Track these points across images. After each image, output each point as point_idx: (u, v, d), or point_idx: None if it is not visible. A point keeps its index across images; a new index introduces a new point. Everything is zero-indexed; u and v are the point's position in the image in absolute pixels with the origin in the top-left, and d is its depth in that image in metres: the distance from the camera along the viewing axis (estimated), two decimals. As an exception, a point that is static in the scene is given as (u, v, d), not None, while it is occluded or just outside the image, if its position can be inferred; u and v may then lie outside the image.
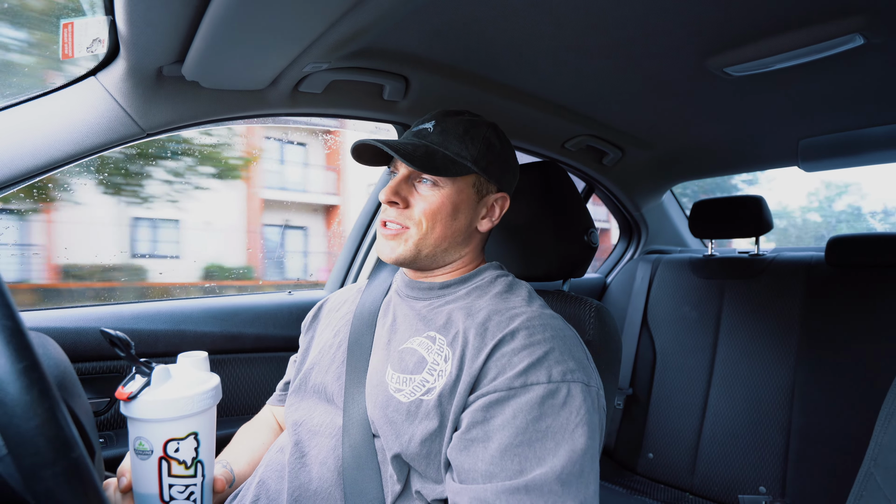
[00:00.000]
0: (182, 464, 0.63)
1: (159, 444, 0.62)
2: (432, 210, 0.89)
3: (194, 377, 0.67)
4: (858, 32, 1.07)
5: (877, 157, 1.82)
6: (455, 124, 0.92)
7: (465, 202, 0.91)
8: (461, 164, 0.89)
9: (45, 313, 1.21)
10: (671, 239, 2.68)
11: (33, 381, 0.41)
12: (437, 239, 0.90)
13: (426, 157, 0.87)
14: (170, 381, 0.64)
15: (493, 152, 0.93)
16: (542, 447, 0.69)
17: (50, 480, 0.40)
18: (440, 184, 0.90)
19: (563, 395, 0.72)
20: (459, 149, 0.90)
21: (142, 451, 0.62)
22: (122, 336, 0.61)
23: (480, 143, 0.91)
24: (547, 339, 0.77)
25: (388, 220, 0.91)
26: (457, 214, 0.91)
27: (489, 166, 0.92)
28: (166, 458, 0.62)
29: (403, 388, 0.81)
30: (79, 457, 0.42)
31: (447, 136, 0.91)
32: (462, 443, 0.73)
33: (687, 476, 1.96)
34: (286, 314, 1.54)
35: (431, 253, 0.91)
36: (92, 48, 0.97)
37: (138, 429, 0.62)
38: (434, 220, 0.89)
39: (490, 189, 0.95)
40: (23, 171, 0.99)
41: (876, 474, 0.69)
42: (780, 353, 1.84)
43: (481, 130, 0.93)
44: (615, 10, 1.03)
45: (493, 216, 0.96)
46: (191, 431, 0.63)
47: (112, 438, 1.24)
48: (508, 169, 0.97)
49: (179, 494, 0.63)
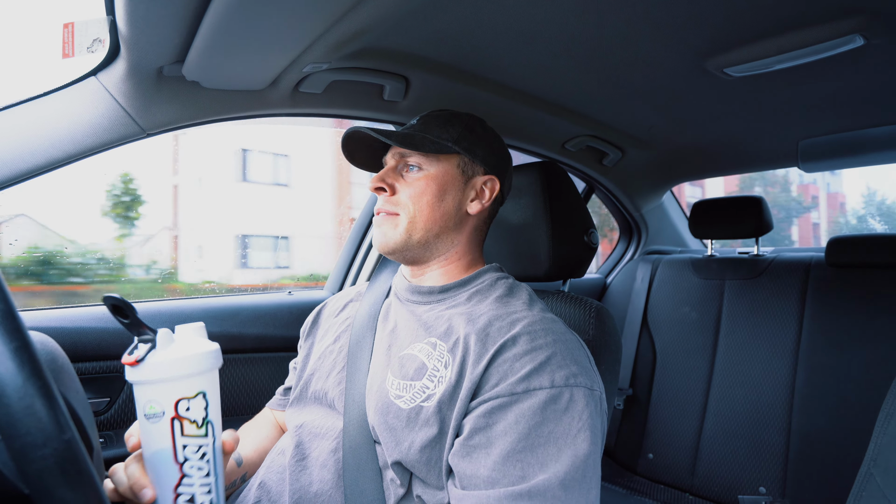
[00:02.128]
0: (193, 423, 0.64)
1: (170, 404, 0.62)
2: (418, 192, 0.91)
3: (196, 341, 0.68)
4: (859, 33, 1.07)
5: (877, 158, 1.82)
6: (436, 116, 0.96)
7: (450, 183, 0.93)
8: (441, 144, 0.91)
9: (44, 313, 1.21)
10: (671, 239, 2.68)
11: (24, 361, 0.40)
12: (426, 221, 0.91)
13: (405, 136, 0.91)
14: (174, 343, 0.65)
15: (475, 134, 0.95)
16: (544, 453, 0.69)
17: (41, 462, 0.40)
18: (424, 167, 0.92)
19: (565, 399, 0.72)
20: (440, 132, 0.93)
21: (153, 415, 0.62)
22: (124, 300, 0.61)
23: (461, 126, 0.94)
24: (549, 344, 0.77)
25: (378, 208, 0.94)
26: (443, 196, 0.92)
27: (471, 146, 0.94)
28: (178, 417, 0.63)
29: (404, 395, 0.80)
30: (71, 438, 0.42)
31: (428, 125, 0.95)
32: (464, 449, 0.72)
33: (687, 476, 1.96)
34: (286, 314, 1.54)
35: (423, 238, 0.92)
36: (92, 48, 0.97)
37: (148, 392, 0.63)
38: (421, 202, 0.91)
39: (476, 170, 0.96)
40: (23, 170, 0.99)
41: (875, 474, 0.69)
42: (781, 354, 1.84)
43: (462, 118, 0.96)
44: (616, 10, 1.03)
45: (484, 199, 0.96)
46: (200, 390, 0.64)
47: (112, 438, 1.24)
48: (493, 151, 0.98)
49: (193, 455, 0.64)
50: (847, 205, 21.52)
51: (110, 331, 1.24)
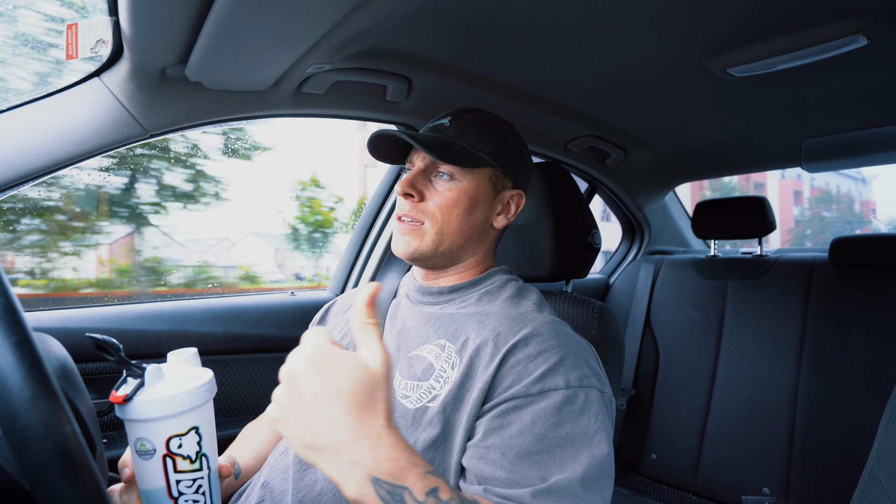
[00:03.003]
0: (187, 459, 0.63)
1: (161, 442, 0.62)
2: (448, 204, 0.88)
3: (187, 373, 0.66)
4: (862, 33, 1.07)
5: (881, 158, 1.82)
6: (472, 120, 0.93)
7: (481, 197, 0.91)
8: (478, 157, 0.89)
9: (47, 314, 1.22)
10: (674, 239, 2.68)
11: (25, 355, 0.40)
12: (454, 234, 0.89)
13: (444, 146, 0.87)
14: (163, 378, 0.64)
15: (509, 146, 0.93)
16: (562, 454, 0.68)
17: (42, 455, 0.40)
18: (457, 177, 0.89)
19: (581, 400, 0.72)
20: (476, 141, 0.90)
21: (144, 452, 0.61)
22: (108, 339, 0.60)
23: (496, 137, 0.92)
24: (560, 346, 0.76)
25: (402, 214, 0.91)
26: (473, 209, 0.90)
27: (505, 160, 0.92)
28: (170, 455, 0.62)
29: (410, 395, 0.80)
30: (71, 432, 0.41)
31: (464, 130, 0.91)
32: (479, 451, 0.72)
33: (690, 477, 1.95)
34: (289, 315, 1.54)
35: (449, 249, 0.90)
36: (96, 49, 0.97)
37: (138, 430, 0.62)
38: (450, 215, 0.88)
39: (506, 184, 0.95)
40: (26, 171, 0.99)
41: (879, 475, 0.69)
42: (784, 354, 1.83)
43: (497, 126, 0.94)
44: (618, 11, 1.03)
45: (509, 213, 0.96)
46: (192, 426, 0.63)
47: (115, 439, 1.24)
48: (523, 165, 0.97)
49: (188, 489, 0.63)
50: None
51: (113, 332, 1.25)
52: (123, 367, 0.62)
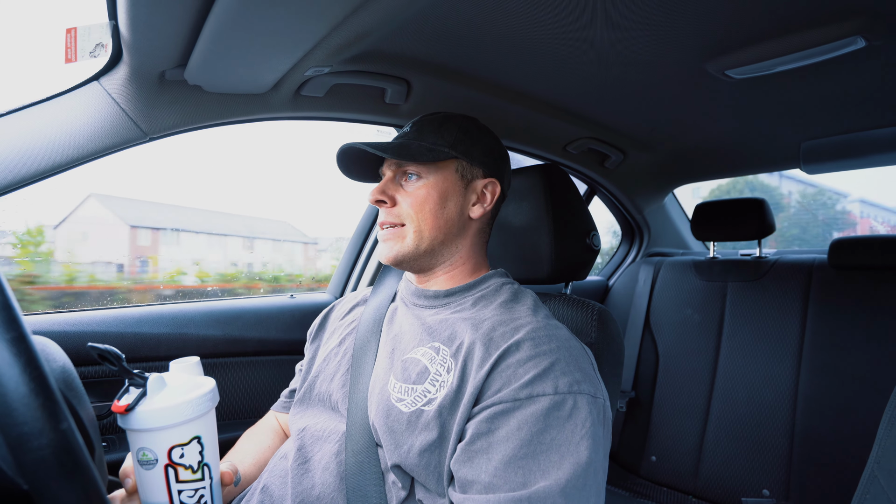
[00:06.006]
0: (189, 469, 0.63)
1: (163, 451, 0.61)
2: (419, 202, 0.91)
3: (190, 382, 0.66)
4: (860, 35, 1.07)
5: (880, 160, 1.82)
6: (431, 121, 0.96)
7: (451, 189, 0.92)
8: (438, 150, 0.91)
9: (47, 317, 1.22)
10: (673, 241, 2.68)
11: (21, 351, 0.40)
12: (432, 230, 0.91)
13: (401, 147, 0.90)
14: (166, 388, 0.64)
15: (471, 136, 0.95)
16: (546, 460, 0.68)
17: (38, 452, 0.39)
18: (423, 175, 0.92)
19: (568, 406, 0.72)
20: (436, 138, 0.92)
21: (146, 462, 0.61)
22: (111, 349, 0.60)
23: (456, 129, 0.94)
24: (553, 350, 0.76)
25: (382, 221, 0.94)
26: (445, 202, 0.92)
27: (469, 150, 0.93)
28: (172, 465, 0.62)
29: (405, 398, 0.80)
30: (67, 429, 0.41)
31: (423, 131, 0.94)
32: (465, 454, 0.72)
33: (690, 479, 1.95)
34: (288, 317, 1.54)
35: (430, 247, 0.92)
36: (95, 53, 0.97)
37: (140, 439, 0.62)
38: (423, 212, 0.90)
39: (475, 174, 0.95)
40: (25, 175, 0.99)
41: (879, 477, 0.69)
42: (784, 356, 1.83)
43: (456, 120, 0.96)
44: (617, 13, 1.03)
45: (485, 202, 0.96)
46: (194, 436, 0.63)
47: (115, 442, 1.24)
48: (491, 152, 0.97)
49: (190, 499, 0.63)
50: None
51: (113, 335, 1.25)
52: (126, 377, 0.62)
